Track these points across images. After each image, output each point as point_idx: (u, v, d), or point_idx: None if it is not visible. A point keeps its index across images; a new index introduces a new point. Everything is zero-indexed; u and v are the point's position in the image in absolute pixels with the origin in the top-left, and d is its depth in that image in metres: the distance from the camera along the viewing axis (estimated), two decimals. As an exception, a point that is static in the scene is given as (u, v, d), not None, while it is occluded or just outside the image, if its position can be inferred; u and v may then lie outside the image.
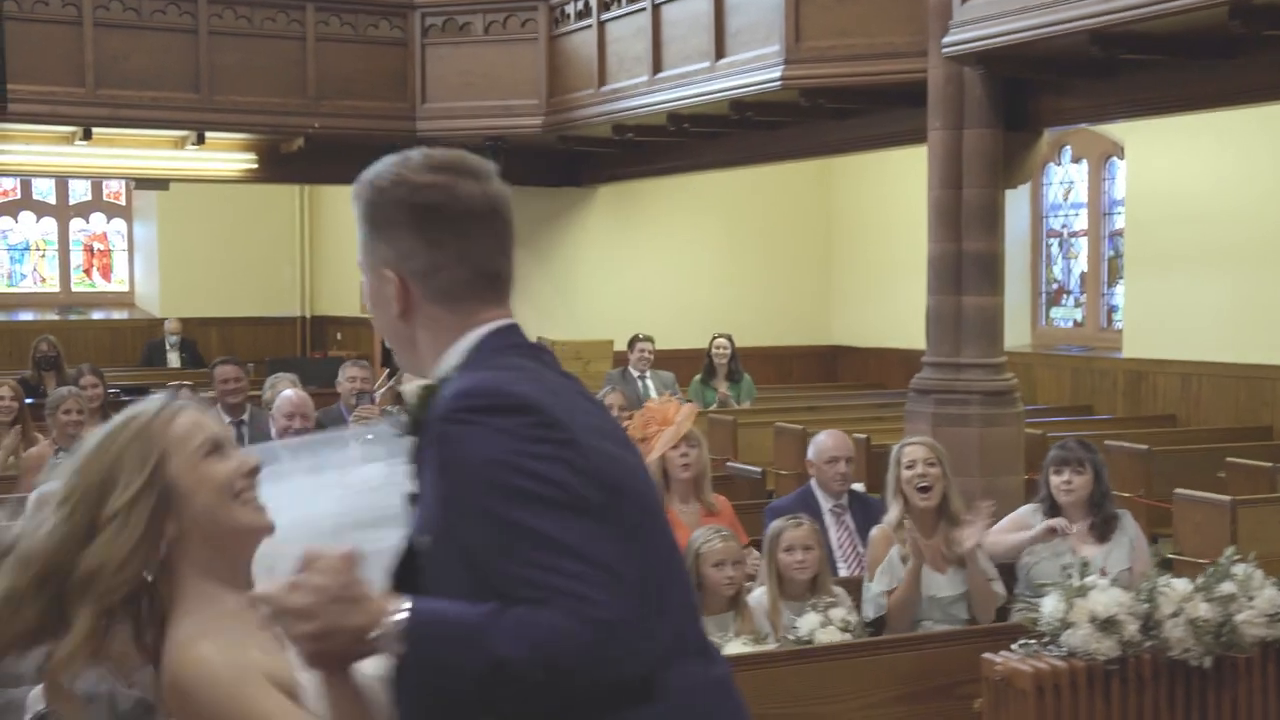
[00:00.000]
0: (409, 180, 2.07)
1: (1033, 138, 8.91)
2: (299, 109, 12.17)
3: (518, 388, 1.96)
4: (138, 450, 2.02)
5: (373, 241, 2.09)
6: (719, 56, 9.94)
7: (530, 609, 1.81)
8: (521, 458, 1.87)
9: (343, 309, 18.82)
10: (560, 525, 1.85)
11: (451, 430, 1.91)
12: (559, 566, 1.83)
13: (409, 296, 2.06)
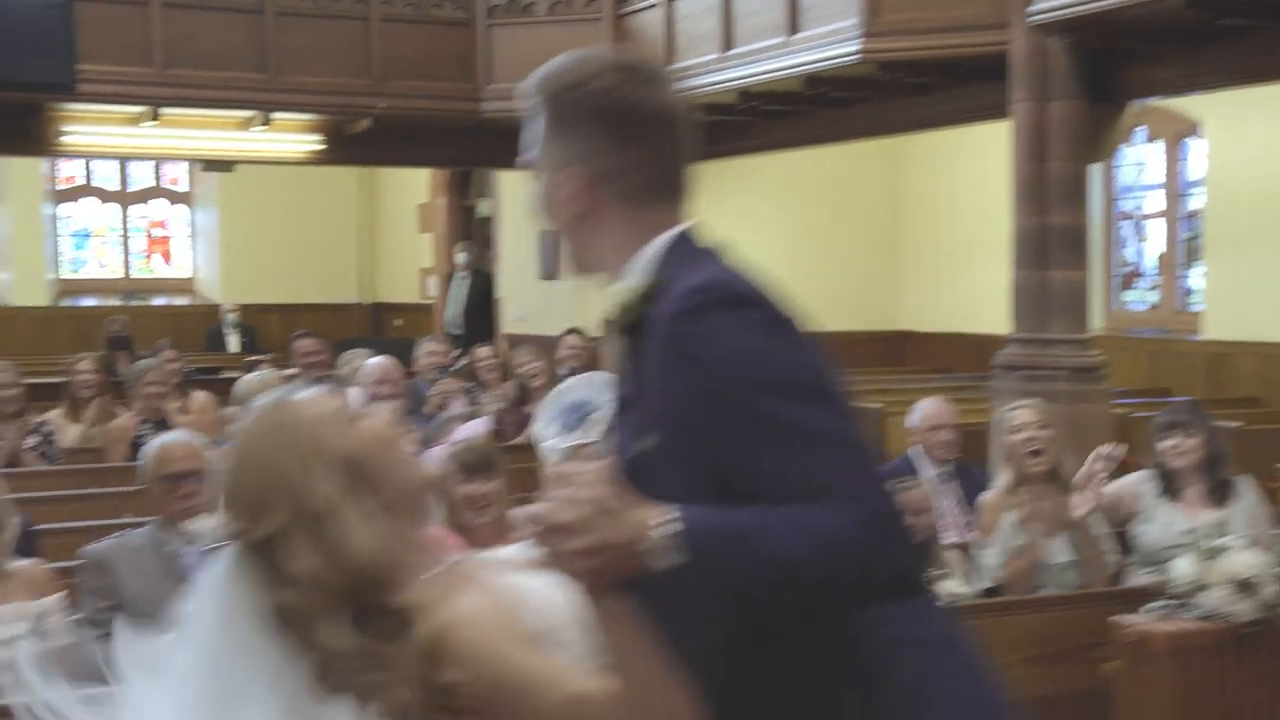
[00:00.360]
0: (599, 81, 2.01)
1: (1118, 110, 8.73)
2: (364, 90, 12.12)
3: (749, 282, 1.91)
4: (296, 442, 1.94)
5: (556, 139, 2.04)
6: (793, 31, 9.80)
7: (802, 506, 1.73)
8: (771, 351, 1.82)
9: (402, 295, 18.83)
10: (818, 417, 1.79)
11: (692, 327, 1.84)
12: (823, 459, 1.76)
13: (595, 196, 2.00)
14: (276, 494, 1.89)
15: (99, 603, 4.15)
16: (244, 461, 1.96)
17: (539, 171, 2.08)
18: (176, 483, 4.25)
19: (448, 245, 17.55)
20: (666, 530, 1.74)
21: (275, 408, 1.98)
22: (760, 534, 1.72)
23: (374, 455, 1.94)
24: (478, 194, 17.54)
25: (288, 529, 1.88)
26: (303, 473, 1.89)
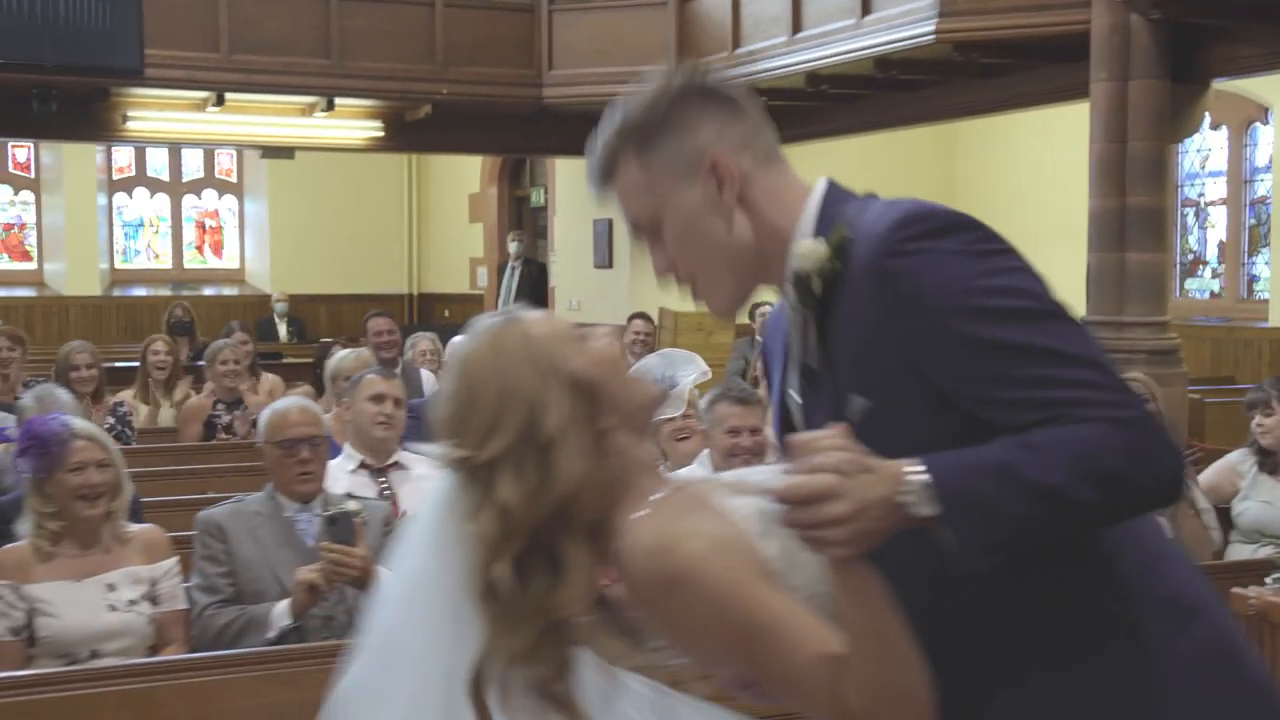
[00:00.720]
0: (675, 79, 1.93)
1: (1200, 89, 8.60)
2: (427, 75, 12.11)
3: (947, 208, 1.80)
4: (528, 366, 1.83)
5: (671, 148, 1.89)
6: (865, 12, 9.71)
7: (1054, 428, 1.65)
8: (988, 275, 1.72)
9: (450, 286, 18.82)
10: (1050, 334, 1.70)
11: (900, 264, 1.73)
12: (1066, 377, 1.67)
13: (742, 169, 1.89)
14: (510, 414, 1.80)
15: (213, 568, 4.12)
16: (475, 381, 1.84)
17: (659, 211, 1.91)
18: (293, 448, 4.22)
19: (499, 235, 17.53)
20: (919, 479, 1.65)
21: (505, 327, 1.88)
22: (1016, 464, 1.64)
23: (605, 377, 1.85)
24: (529, 183, 17.52)
25: (512, 452, 1.80)
26: (540, 392, 1.81)
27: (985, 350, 1.68)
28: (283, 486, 4.27)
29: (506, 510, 1.78)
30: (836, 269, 1.80)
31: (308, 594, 3.96)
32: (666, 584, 1.76)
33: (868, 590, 1.71)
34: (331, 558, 3.95)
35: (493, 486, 1.79)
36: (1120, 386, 1.69)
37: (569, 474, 1.78)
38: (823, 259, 1.81)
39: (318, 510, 4.28)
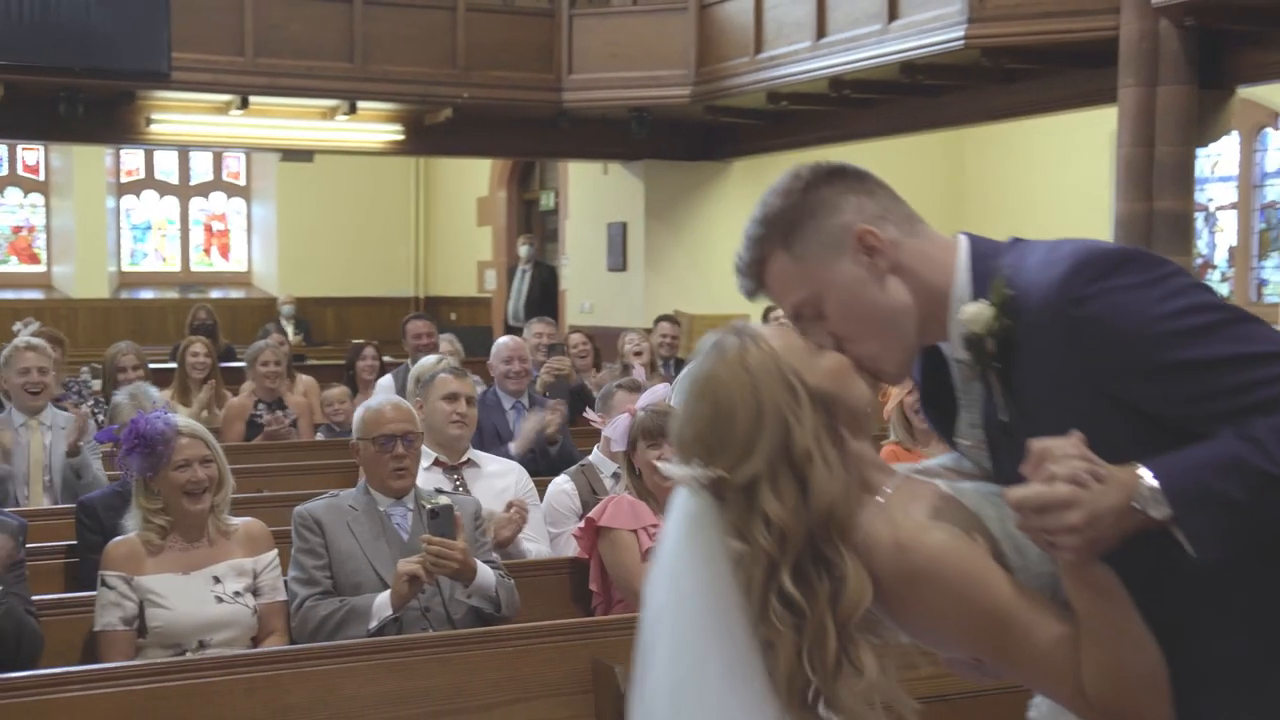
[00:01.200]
0: (804, 171, 2.01)
1: (1226, 95, 8.76)
2: (448, 79, 12.20)
3: (1104, 243, 1.90)
4: (778, 384, 1.89)
5: (816, 231, 1.97)
6: (892, 18, 9.83)
7: (1267, 418, 1.74)
8: (1168, 300, 1.81)
9: (457, 289, 18.90)
10: (1238, 339, 1.79)
11: (1086, 311, 1.82)
12: (1265, 375, 1.77)
13: (888, 241, 1.96)
14: (766, 434, 1.86)
15: (312, 561, 4.21)
16: (727, 402, 1.88)
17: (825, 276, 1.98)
18: (389, 444, 4.31)
19: (508, 238, 17.62)
20: (1149, 484, 1.74)
21: (748, 345, 1.92)
22: (1238, 456, 1.73)
23: (839, 390, 1.93)
24: (539, 187, 17.62)
25: (770, 471, 1.86)
26: (793, 409, 1.87)
27: (1188, 372, 1.78)
28: (377, 482, 4.36)
29: (778, 525, 1.84)
30: (1008, 326, 1.89)
31: (409, 585, 4.05)
32: (910, 578, 1.86)
33: (1099, 579, 1.81)
34: (434, 550, 4.03)
35: (755, 504, 1.86)
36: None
37: (825, 485, 1.85)
38: (990, 320, 1.90)
39: (410, 505, 4.37)
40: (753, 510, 1.85)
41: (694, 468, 1.89)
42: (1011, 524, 1.88)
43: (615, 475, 5.45)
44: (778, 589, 1.83)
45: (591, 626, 4.00)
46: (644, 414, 4.79)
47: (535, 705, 3.79)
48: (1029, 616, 1.83)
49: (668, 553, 1.94)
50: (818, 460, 1.85)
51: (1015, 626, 1.84)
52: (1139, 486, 1.75)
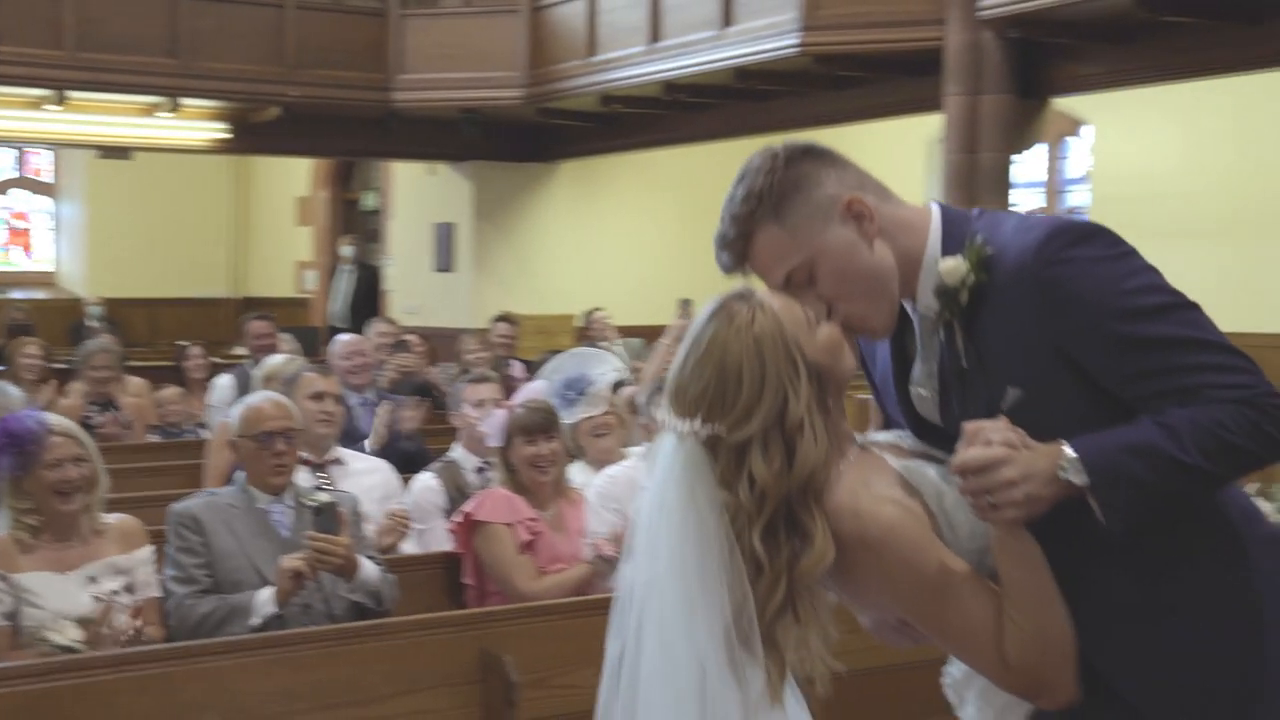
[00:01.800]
0: (781, 149, 2.14)
1: (1041, 104, 9.21)
2: (276, 77, 12.03)
3: (1075, 218, 2.07)
4: (781, 354, 2.01)
5: (804, 202, 2.10)
6: (727, 24, 10.05)
7: (1188, 409, 1.93)
8: (1129, 277, 1.99)
9: (275, 289, 18.56)
10: (1185, 324, 1.97)
11: (1057, 273, 1.99)
12: (1202, 362, 1.95)
13: (872, 208, 2.11)
14: (766, 401, 1.97)
15: (190, 559, 4.16)
16: (733, 366, 2.00)
17: (817, 243, 2.10)
18: (269, 440, 4.28)
19: (328, 238, 17.40)
20: (1071, 455, 1.94)
21: (755, 311, 2.03)
22: (1154, 442, 1.92)
23: (832, 363, 2.06)
24: (361, 186, 17.44)
25: (763, 434, 1.98)
26: (793, 381, 1.99)
27: (1135, 346, 1.97)
28: (257, 479, 4.33)
29: (760, 485, 1.97)
30: (983, 280, 2.06)
31: (293, 581, 4.04)
32: (864, 544, 2.00)
33: (1028, 551, 1.98)
34: (318, 546, 4.04)
35: (744, 463, 1.99)
36: (1247, 367, 1.97)
37: (810, 453, 1.99)
38: (967, 273, 2.07)
39: (289, 502, 4.36)
40: (740, 468, 1.98)
41: (694, 423, 2.01)
42: (947, 500, 2.04)
43: (479, 470, 5.50)
44: (746, 543, 1.97)
45: (480, 618, 4.05)
46: (521, 410, 4.85)
47: (425, 696, 3.82)
48: (964, 588, 1.99)
49: (656, 487, 2.06)
50: (807, 430, 1.98)
51: (951, 597, 1.99)
52: (1063, 456, 1.95)
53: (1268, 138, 10.79)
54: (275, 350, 8.53)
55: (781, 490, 1.97)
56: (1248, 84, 9.81)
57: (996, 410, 2.01)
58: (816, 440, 1.99)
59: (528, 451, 4.74)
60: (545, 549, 4.66)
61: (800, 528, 1.98)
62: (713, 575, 1.97)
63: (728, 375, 2.00)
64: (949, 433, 2.09)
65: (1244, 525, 2.07)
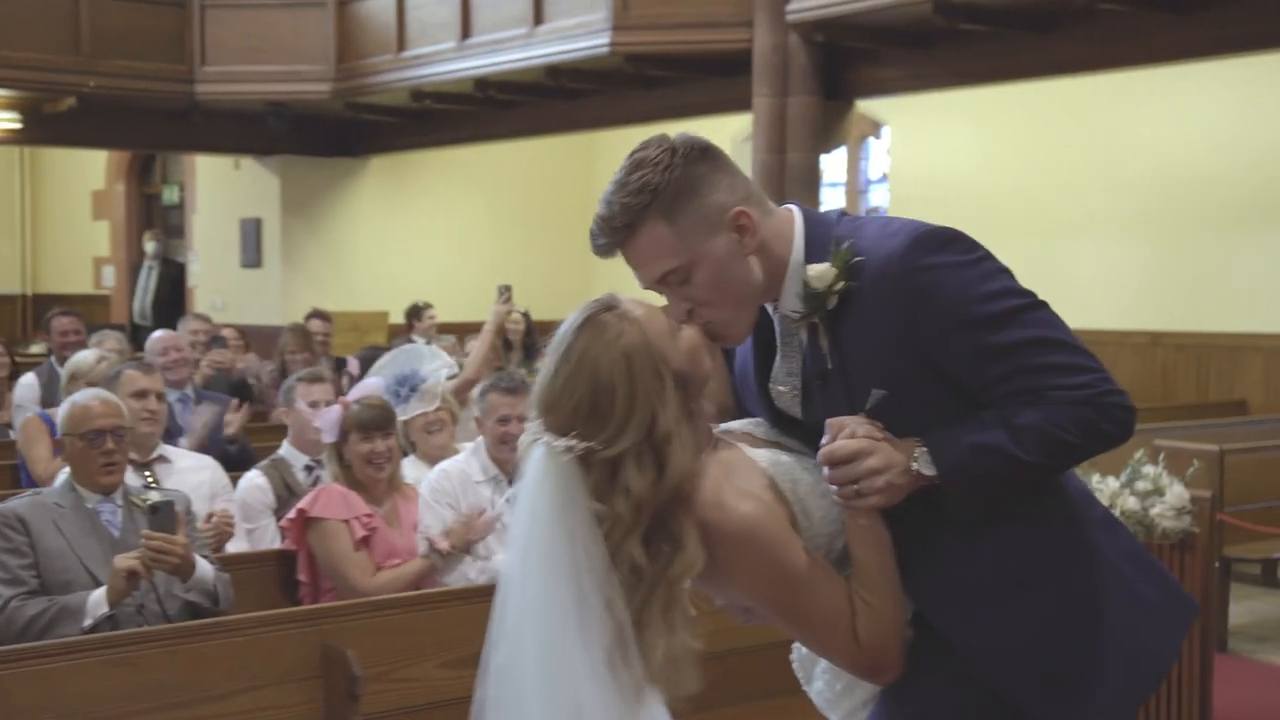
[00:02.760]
0: (673, 143, 2.18)
1: (846, 106, 9.53)
2: (71, 66, 11.67)
3: (935, 225, 2.19)
4: (649, 370, 2.07)
5: (695, 207, 2.15)
6: (538, 22, 10.14)
7: (1032, 407, 2.08)
8: (983, 281, 2.11)
9: (71, 286, 17.97)
10: (1034, 325, 2.11)
11: (920, 280, 2.10)
12: (1048, 363, 2.09)
13: (755, 223, 2.18)
14: (637, 417, 2.04)
15: (16, 560, 4.07)
16: (604, 382, 2.05)
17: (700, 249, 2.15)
18: (98, 439, 4.21)
19: (128, 233, 16.93)
20: (923, 450, 2.09)
21: (622, 324, 2.08)
22: (997, 441, 2.07)
23: (693, 369, 2.13)
24: (162, 180, 17.00)
25: (638, 448, 2.04)
26: (660, 396, 2.05)
27: (988, 352, 2.10)
28: (85, 478, 4.26)
29: (635, 497, 2.04)
30: (850, 286, 2.15)
31: (127, 581, 3.99)
32: (722, 537, 2.09)
33: (880, 535, 2.13)
34: (154, 545, 4.00)
35: (618, 476, 2.05)
36: (1090, 366, 2.12)
37: (679, 463, 2.07)
38: (835, 279, 2.16)
39: (119, 501, 4.30)
40: (615, 481, 2.04)
41: (567, 439, 2.06)
42: (802, 488, 2.16)
43: (308, 468, 5.48)
44: (626, 552, 2.04)
45: (321, 613, 4.06)
46: (357, 407, 4.86)
47: (267, 693, 3.82)
48: (818, 579, 2.12)
49: (526, 499, 2.10)
50: (676, 440, 2.06)
51: (806, 588, 2.11)
52: (916, 451, 2.10)
53: (1052, 143, 11.35)
54: (82, 347, 8.30)
55: (655, 500, 2.04)
56: (1037, 90, 10.32)
57: (858, 408, 2.12)
58: (685, 449, 2.06)
59: (364, 448, 4.76)
60: (381, 544, 4.68)
61: (671, 535, 2.06)
62: (588, 585, 2.03)
63: (600, 393, 2.05)
64: (809, 427, 2.21)
65: (1083, 508, 2.25)
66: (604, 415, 2.05)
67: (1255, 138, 10.09)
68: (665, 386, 2.07)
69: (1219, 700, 5.60)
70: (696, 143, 2.19)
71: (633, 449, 2.04)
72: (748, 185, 2.21)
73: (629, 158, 2.20)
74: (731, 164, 2.22)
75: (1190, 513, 5.17)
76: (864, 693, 2.26)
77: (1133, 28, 8.08)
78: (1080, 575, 2.19)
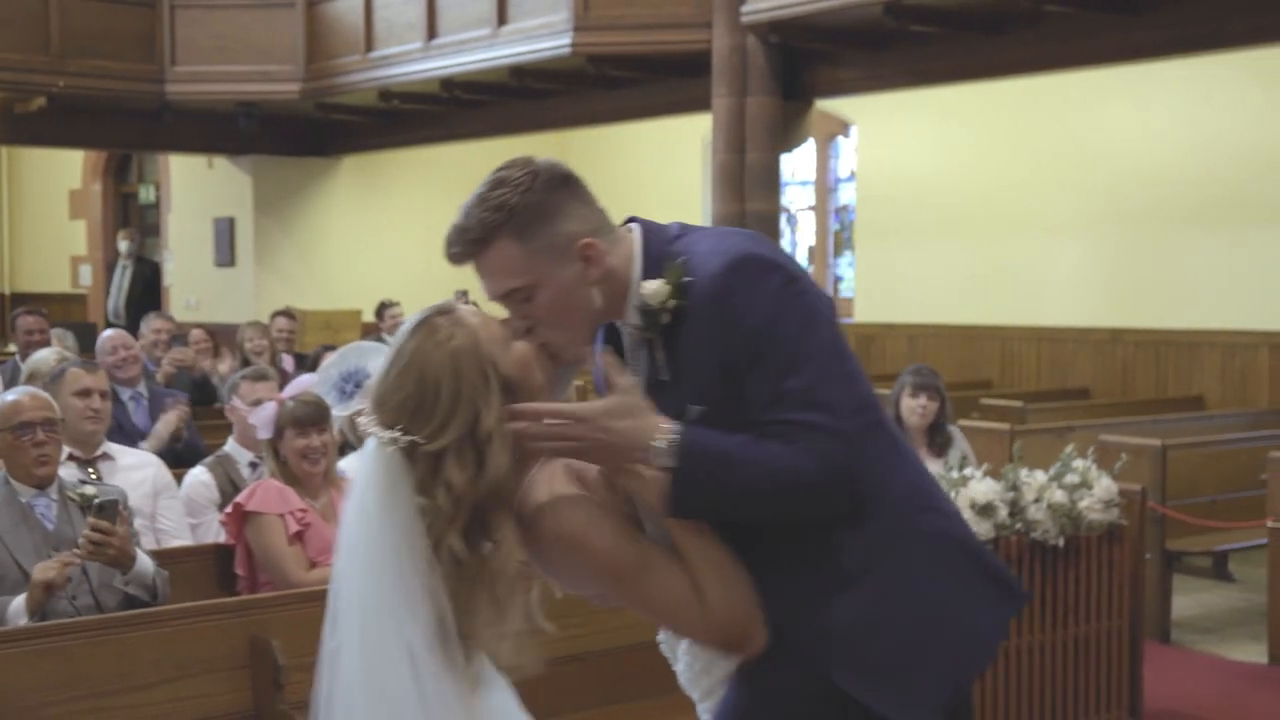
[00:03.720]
0: (543, 169, 2.26)
1: (806, 106, 9.64)
2: (42, 66, 11.75)
3: (758, 246, 2.29)
4: (475, 370, 2.16)
5: (547, 233, 2.23)
6: (502, 23, 10.23)
7: (779, 444, 2.18)
8: (787, 318, 2.20)
9: (48, 285, 18.05)
10: (812, 377, 2.19)
11: (729, 304, 2.20)
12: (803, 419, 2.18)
13: (601, 254, 2.25)
14: (460, 414, 2.13)
15: (-50, 554, 4.16)
16: (430, 381, 2.15)
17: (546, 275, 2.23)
18: (28, 431, 4.29)
19: (104, 232, 17.00)
20: (670, 438, 2.17)
21: (453, 328, 2.18)
22: (739, 461, 2.17)
23: (524, 378, 2.22)
24: (138, 180, 17.07)
25: (458, 444, 2.13)
26: (484, 396, 2.15)
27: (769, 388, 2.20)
28: (19, 472, 4.34)
29: (455, 491, 2.13)
30: (681, 304, 2.26)
31: (44, 592, 4.05)
32: (555, 538, 2.21)
33: (699, 527, 2.23)
34: (94, 537, 4.08)
35: (440, 470, 2.14)
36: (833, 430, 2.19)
37: (499, 462, 2.16)
38: (667, 297, 2.26)
39: (54, 495, 4.38)
40: (437, 475, 2.14)
41: (394, 432, 2.16)
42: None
43: (252, 465, 5.57)
44: (447, 544, 2.14)
45: (248, 605, 4.15)
46: (292, 403, 4.95)
47: (195, 682, 3.91)
48: (658, 565, 2.22)
49: (358, 491, 2.21)
50: (497, 442, 2.15)
51: (648, 574, 2.22)
52: (663, 434, 2.19)
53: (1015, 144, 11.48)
54: (45, 345, 8.39)
55: (474, 495, 2.14)
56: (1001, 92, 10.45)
57: None
58: (506, 450, 2.16)
59: (299, 444, 4.84)
60: (316, 539, 4.76)
61: (491, 530, 2.16)
62: (411, 574, 2.12)
63: (426, 388, 2.15)
64: None
65: (910, 501, 2.33)
66: (429, 411, 2.14)
67: (1212, 139, 10.23)
68: (490, 389, 2.16)
69: (1154, 689, 5.72)
70: (558, 170, 2.28)
71: (454, 445, 2.13)
72: (601, 217, 2.30)
73: (493, 174, 2.28)
74: (588, 194, 2.31)
75: (1118, 505, 5.29)
76: (720, 671, 2.36)
77: (1079, 29, 8.20)
78: (902, 566, 2.28)
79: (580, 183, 2.31)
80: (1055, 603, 5.17)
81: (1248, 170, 10.06)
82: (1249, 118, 10.04)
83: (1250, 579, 7.94)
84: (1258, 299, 10.10)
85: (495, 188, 2.24)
